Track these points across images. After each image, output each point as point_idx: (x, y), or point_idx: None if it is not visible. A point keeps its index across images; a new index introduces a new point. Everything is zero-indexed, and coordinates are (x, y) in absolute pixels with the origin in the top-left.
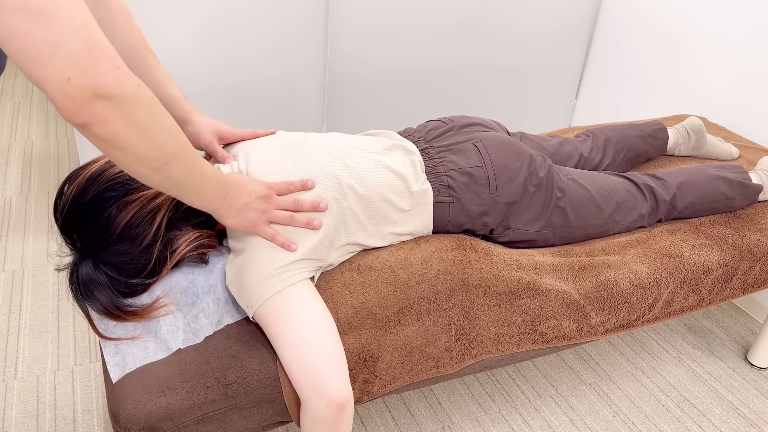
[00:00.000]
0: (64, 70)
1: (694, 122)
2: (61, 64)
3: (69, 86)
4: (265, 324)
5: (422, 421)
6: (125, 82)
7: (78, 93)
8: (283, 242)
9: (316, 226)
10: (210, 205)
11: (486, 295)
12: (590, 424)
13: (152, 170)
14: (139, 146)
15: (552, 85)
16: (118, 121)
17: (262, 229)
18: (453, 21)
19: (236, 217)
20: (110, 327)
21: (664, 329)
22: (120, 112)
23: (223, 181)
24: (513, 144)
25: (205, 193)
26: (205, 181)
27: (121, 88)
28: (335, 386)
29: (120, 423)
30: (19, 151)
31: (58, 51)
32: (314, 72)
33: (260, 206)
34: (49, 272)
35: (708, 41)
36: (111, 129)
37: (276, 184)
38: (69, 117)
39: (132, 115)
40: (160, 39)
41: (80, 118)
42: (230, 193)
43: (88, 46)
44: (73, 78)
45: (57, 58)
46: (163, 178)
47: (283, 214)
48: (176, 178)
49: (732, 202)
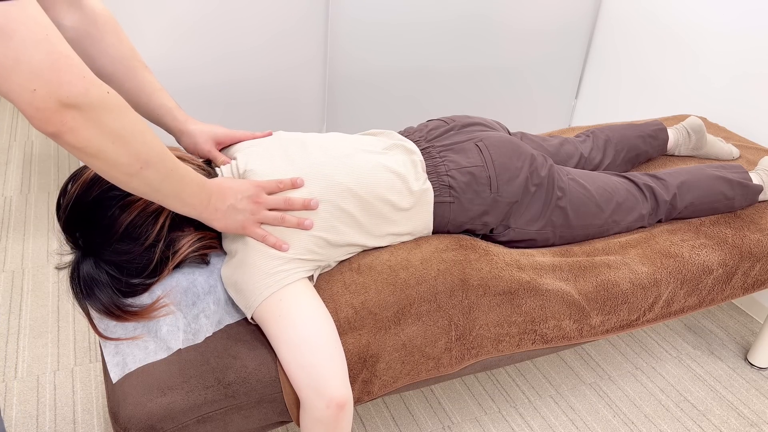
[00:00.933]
0: (29, 83)
1: (695, 122)
2: (25, 76)
3: (35, 97)
4: (264, 325)
5: (422, 421)
6: (92, 90)
7: (45, 103)
8: (275, 243)
9: (307, 226)
10: (193, 209)
11: (486, 295)
12: (590, 424)
13: (128, 176)
14: (112, 152)
15: (552, 85)
16: (88, 129)
17: (251, 230)
18: (453, 21)
19: (223, 220)
20: (110, 327)
21: (664, 329)
22: (89, 120)
23: (206, 185)
24: (514, 144)
25: (186, 197)
26: (185, 185)
27: (88, 96)
28: (335, 386)
29: (120, 423)
30: (19, 151)
31: (20, 65)
32: (314, 71)
33: (248, 206)
34: (49, 272)
35: (708, 41)
36: (82, 137)
37: (265, 183)
38: (39, 127)
39: (102, 123)
40: (160, 37)
41: (50, 127)
42: (213, 196)
43: (50, 58)
44: (38, 89)
45: (20, 71)
46: (141, 183)
47: (273, 214)
48: (153, 183)
49: (732, 202)
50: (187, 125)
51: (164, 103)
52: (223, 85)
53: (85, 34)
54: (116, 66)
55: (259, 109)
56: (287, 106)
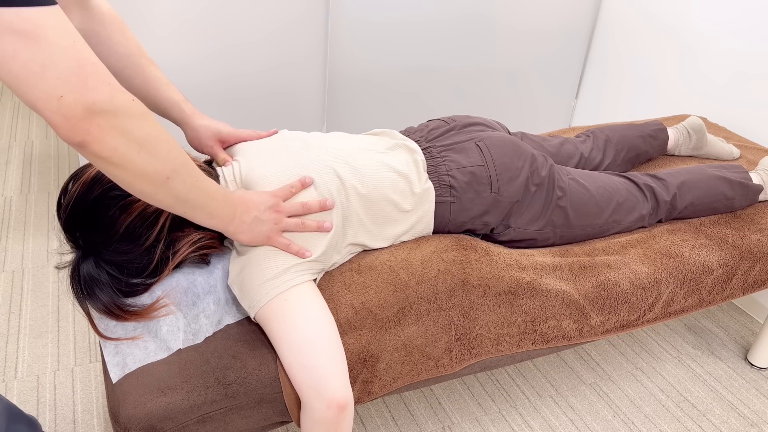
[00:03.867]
0: (56, 89)
1: (695, 122)
2: (52, 82)
3: (62, 104)
4: (267, 324)
5: (422, 421)
6: (117, 96)
7: (72, 111)
8: (298, 251)
9: (326, 228)
10: (220, 222)
11: (486, 295)
12: (590, 424)
13: (155, 186)
14: (138, 161)
15: (552, 85)
16: (114, 137)
17: (276, 240)
18: (454, 20)
19: (249, 233)
20: (110, 327)
21: (664, 329)
22: (115, 127)
23: (230, 198)
24: (515, 143)
25: (213, 209)
26: (210, 197)
27: (114, 102)
28: (335, 387)
29: (120, 423)
30: (19, 151)
31: (47, 70)
32: (314, 70)
33: (271, 217)
34: (49, 272)
35: (708, 41)
36: (108, 145)
37: (279, 191)
38: (66, 136)
39: (128, 130)
40: (163, 35)
41: (77, 136)
42: (239, 209)
43: (77, 64)
44: (65, 96)
45: (47, 77)
46: (167, 194)
47: (294, 221)
48: (180, 193)
49: (732, 202)
50: (193, 119)
51: (171, 97)
52: (224, 83)
53: (93, 33)
54: (124, 63)
55: (260, 108)
56: (287, 105)
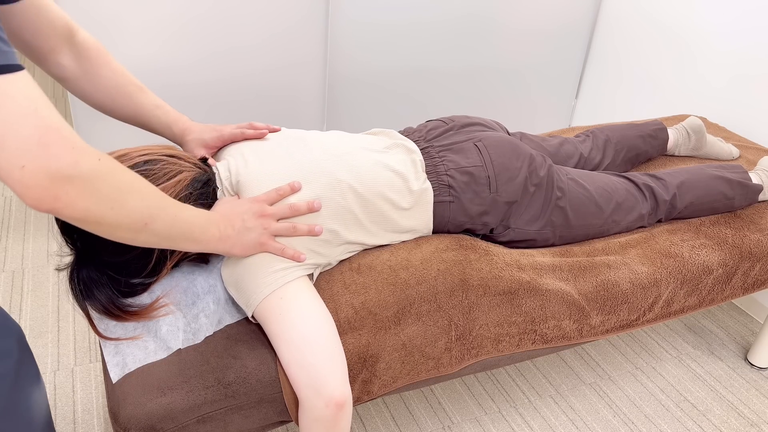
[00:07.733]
0: (17, 159)
1: (694, 122)
2: (13, 153)
3: (24, 174)
4: (265, 323)
5: (422, 421)
6: (81, 161)
7: (35, 180)
8: (293, 255)
9: (317, 232)
10: (208, 244)
11: (486, 295)
12: (590, 424)
13: (135, 233)
14: (112, 217)
15: (552, 85)
16: (84, 199)
17: (268, 245)
18: (453, 21)
19: (240, 245)
20: (110, 327)
21: (664, 329)
22: (84, 190)
23: (211, 217)
24: (513, 144)
25: (197, 236)
26: (192, 224)
27: (79, 167)
28: (334, 386)
29: (120, 423)
30: None
31: (7, 141)
32: (314, 71)
33: (258, 222)
34: (49, 272)
35: (708, 41)
36: (80, 208)
37: (263, 195)
38: (34, 206)
39: (97, 191)
40: (163, 37)
41: (45, 204)
42: (221, 224)
43: (38, 132)
44: (26, 166)
45: (7, 147)
46: (149, 236)
47: (285, 225)
48: (162, 233)
49: (732, 202)
50: (183, 137)
51: (162, 120)
52: (225, 84)
53: (83, 71)
54: (113, 96)
55: (261, 109)
56: (288, 106)
